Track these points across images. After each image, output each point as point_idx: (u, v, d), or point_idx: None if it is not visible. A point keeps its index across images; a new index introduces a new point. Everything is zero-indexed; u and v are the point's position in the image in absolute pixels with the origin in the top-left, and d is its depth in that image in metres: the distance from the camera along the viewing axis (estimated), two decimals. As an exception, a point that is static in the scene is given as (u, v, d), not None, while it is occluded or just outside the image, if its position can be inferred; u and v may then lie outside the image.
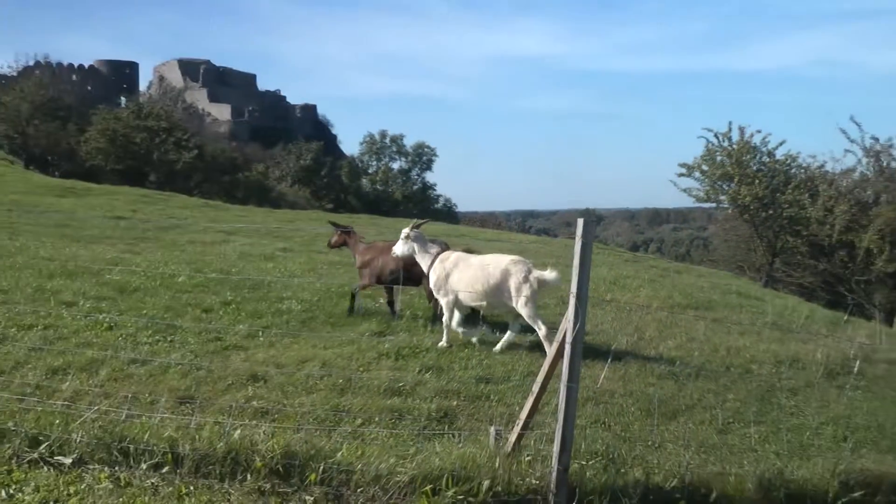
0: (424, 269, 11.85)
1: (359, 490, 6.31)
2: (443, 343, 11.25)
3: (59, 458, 6.50)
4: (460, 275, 11.29)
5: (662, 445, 8.03)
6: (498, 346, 11.19)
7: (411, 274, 12.43)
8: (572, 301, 6.24)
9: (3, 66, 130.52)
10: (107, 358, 9.59)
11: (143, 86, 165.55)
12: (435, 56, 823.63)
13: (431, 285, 11.67)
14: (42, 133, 74.23)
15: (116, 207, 37.38)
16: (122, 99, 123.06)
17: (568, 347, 6.29)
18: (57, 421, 6.96)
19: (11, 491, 6.05)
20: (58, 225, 26.76)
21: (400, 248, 12.07)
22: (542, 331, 10.59)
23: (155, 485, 6.22)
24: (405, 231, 12.09)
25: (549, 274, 10.70)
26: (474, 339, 11.53)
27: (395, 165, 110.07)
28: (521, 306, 10.78)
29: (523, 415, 6.94)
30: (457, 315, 11.49)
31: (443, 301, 11.53)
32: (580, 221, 6.28)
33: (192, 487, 6.22)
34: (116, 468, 6.40)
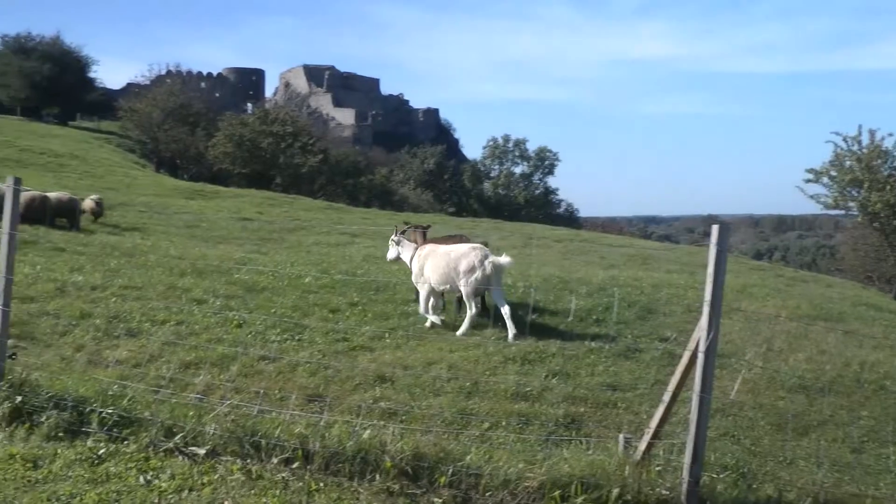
0: (408, 263, 13.15)
1: (487, 494, 6.24)
2: (428, 324, 12.31)
3: (193, 448, 6.61)
4: (430, 263, 12.40)
5: (794, 462, 7.78)
6: (459, 333, 11.90)
7: None
8: (706, 309, 6.07)
9: (138, 75, 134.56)
10: (237, 354, 9.78)
11: (269, 92, 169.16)
12: (555, 60, 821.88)
13: (413, 277, 12.90)
14: (172, 138, 76.61)
15: (243, 209, 38.22)
16: (249, 105, 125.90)
17: (701, 356, 6.12)
18: (190, 413, 7.08)
19: (149, 477, 6.19)
20: (187, 226, 27.48)
21: (391, 254, 13.67)
22: (472, 311, 11.93)
23: (285, 479, 6.26)
24: (392, 238, 13.60)
25: (504, 259, 11.92)
26: (437, 321, 12.38)
27: (518, 170, 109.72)
28: (463, 285, 11.93)
29: (653, 423, 6.78)
30: (432, 301, 12.54)
31: (421, 289, 12.60)
32: (715, 228, 6.08)
33: (321, 484, 6.23)
34: (248, 461, 6.47)
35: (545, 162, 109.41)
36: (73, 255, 16.70)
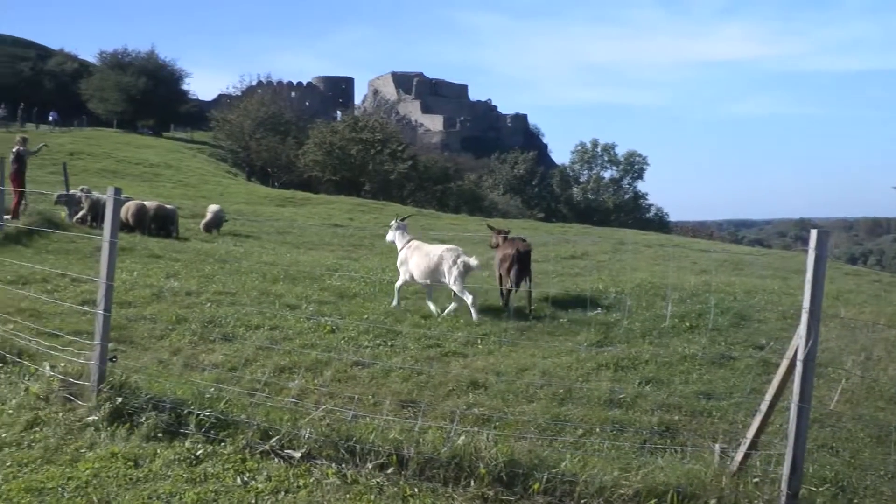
0: (398, 250, 14.35)
1: (582, 501, 6.16)
2: (394, 303, 13.63)
3: (289, 451, 6.67)
4: (414, 259, 13.73)
5: (896, 477, 7.53)
6: (445, 313, 13.20)
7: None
8: (804, 317, 5.90)
9: (229, 86, 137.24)
10: (330, 359, 9.85)
11: (358, 99, 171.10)
12: (640, 63, 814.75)
13: (398, 263, 14.20)
14: (263, 147, 77.93)
15: (333, 216, 38.61)
16: (339, 113, 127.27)
17: (799, 365, 5.95)
18: (286, 416, 7.16)
19: (246, 478, 6.29)
20: (279, 232, 27.82)
21: (389, 236, 14.99)
22: (468, 299, 12.99)
23: (380, 484, 6.27)
24: (392, 223, 15.01)
25: (473, 261, 13.12)
26: (433, 308, 13.45)
27: (607, 174, 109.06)
28: (452, 282, 13.15)
29: (750, 433, 6.63)
30: (428, 292, 13.91)
31: (401, 274, 13.98)
32: (813, 233, 5.90)
33: (416, 489, 6.23)
34: (343, 465, 6.50)
35: (634, 166, 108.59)
36: (168, 262, 17.05)
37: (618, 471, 6.44)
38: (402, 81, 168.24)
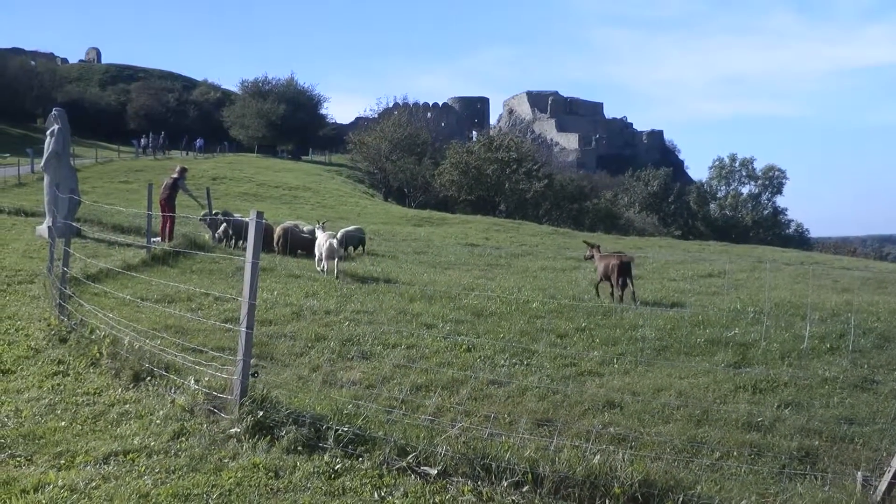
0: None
1: (718, 525, 6.10)
2: (319, 269, 19.39)
3: (425, 468, 6.77)
4: (317, 243, 19.90)
5: None
6: (336, 277, 18.07)
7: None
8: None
9: (366, 109, 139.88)
10: (467, 378, 9.93)
11: (493, 119, 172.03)
12: (778, 73, 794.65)
13: (315, 248, 20.31)
14: (399, 168, 79.15)
15: (469, 235, 38.80)
16: (474, 133, 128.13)
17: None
18: (422, 434, 7.24)
19: (383, 493, 6.42)
20: (415, 252, 28.08)
21: (316, 233, 20.71)
22: (326, 267, 18.86)
23: (515, 502, 6.31)
24: (317, 226, 21.37)
25: (335, 243, 18.96)
26: (321, 270, 19.18)
27: (745, 190, 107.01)
28: (323, 254, 18.98)
29: (894, 462, 6.44)
30: (322, 264, 19.28)
31: (316, 255, 19.97)
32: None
33: (551, 508, 6.25)
34: (479, 483, 6.56)
35: (773, 181, 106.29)
36: (307, 282, 17.45)
37: (755, 496, 6.38)
38: (537, 101, 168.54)
